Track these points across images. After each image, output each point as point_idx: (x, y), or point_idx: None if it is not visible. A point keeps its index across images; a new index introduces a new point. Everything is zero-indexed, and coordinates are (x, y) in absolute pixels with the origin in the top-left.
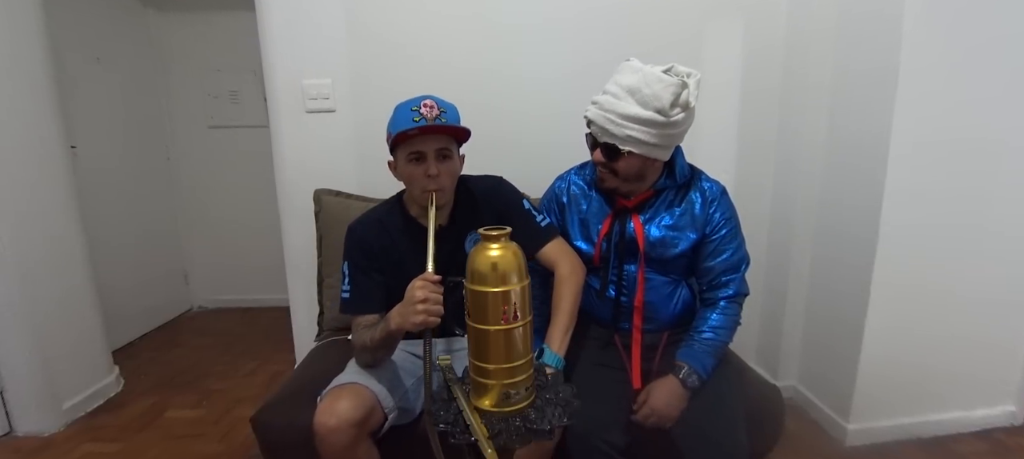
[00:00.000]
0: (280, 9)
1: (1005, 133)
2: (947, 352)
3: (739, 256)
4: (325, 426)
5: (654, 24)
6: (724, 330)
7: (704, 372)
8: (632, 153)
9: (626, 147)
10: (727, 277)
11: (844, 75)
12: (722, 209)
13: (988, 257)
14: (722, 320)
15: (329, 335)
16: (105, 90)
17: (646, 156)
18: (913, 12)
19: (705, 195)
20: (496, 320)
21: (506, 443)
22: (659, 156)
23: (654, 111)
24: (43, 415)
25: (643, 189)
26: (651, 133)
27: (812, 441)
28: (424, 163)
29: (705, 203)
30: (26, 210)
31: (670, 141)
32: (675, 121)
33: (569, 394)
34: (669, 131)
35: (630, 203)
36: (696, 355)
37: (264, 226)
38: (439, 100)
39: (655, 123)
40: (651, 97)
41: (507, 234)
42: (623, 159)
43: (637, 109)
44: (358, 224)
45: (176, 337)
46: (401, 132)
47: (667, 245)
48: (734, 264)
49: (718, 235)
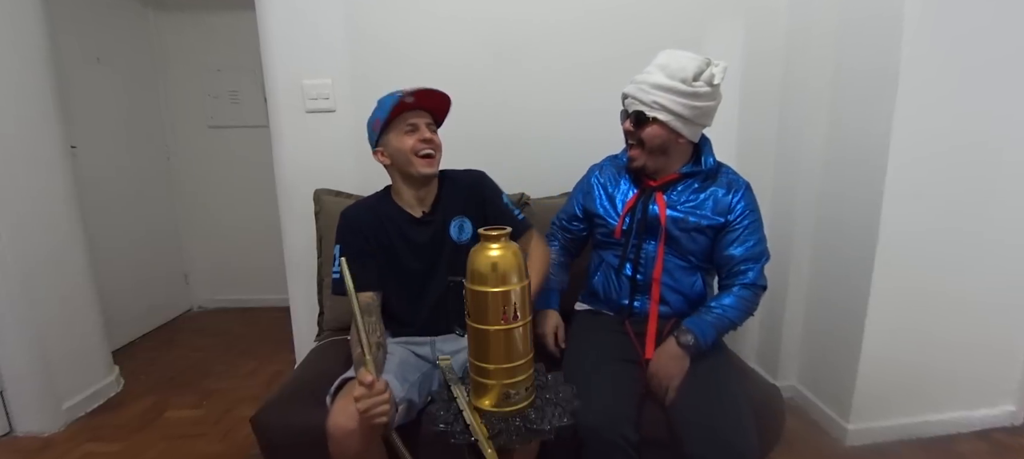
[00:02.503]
0: (280, 9)
1: (1005, 133)
2: (947, 352)
3: (760, 248)
4: (341, 428)
5: (654, 24)
6: (734, 310)
7: (702, 337)
8: (657, 120)
9: (652, 113)
10: (746, 265)
11: (844, 75)
12: (746, 200)
13: (988, 257)
14: (734, 302)
15: (329, 335)
16: (105, 90)
17: (670, 127)
18: (913, 12)
19: (730, 185)
20: (496, 320)
21: (506, 443)
22: (683, 130)
23: (678, 80)
24: (43, 415)
25: (669, 170)
26: (675, 101)
27: (812, 441)
28: (418, 131)
29: (729, 192)
30: (26, 210)
31: (693, 114)
32: (697, 92)
33: (569, 394)
34: (691, 102)
35: (656, 183)
36: (698, 322)
37: (264, 226)
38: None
39: (678, 91)
40: (677, 69)
41: (507, 234)
42: (649, 127)
43: (664, 78)
44: (350, 209)
45: (176, 337)
46: (394, 107)
47: (688, 225)
48: (755, 255)
49: (740, 225)
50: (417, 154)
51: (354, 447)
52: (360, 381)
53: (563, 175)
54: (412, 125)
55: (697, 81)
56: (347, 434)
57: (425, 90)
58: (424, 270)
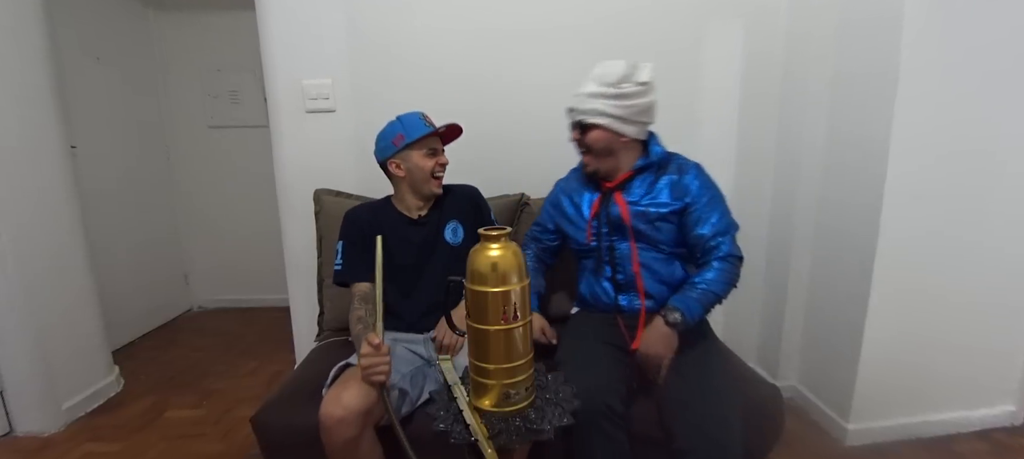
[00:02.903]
0: (280, 9)
1: (1005, 134)
2: (947, 352)
3: (726, 221)
4: (331, 417)
5: (654, 27)
6: (716, 283)
7: (688, 313)
8: (597, 125)
9: (590, 119)
10: (717, 240)
11: (844, 76)
12: (699, 179)
13: (988, 257)
14: (715, 275)
15: (329, 335)
16: (105, 90)
17: (610, 129)
18: (913, 14)
19: (680, 169)
20: (496, 320)
21: (506, 443)
22: (623, 129)
23: (607, 85)
24: (43, 415)
25: (622, 169)
26: (608, 104)
27: (812, 441)
28: (437, 155)
29: (681, 175)
30: (26, 210)
31: (628, 113)
32: (625, 93)
33: (569, 394)
34: (623, 102)
35: (612, 184)
36: (683, 299)
37: (264, 226)
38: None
39: (608, 95)
40: (604, 74)
41: (507, 234)
42: (591, 132)
43: (596, 87)
44: (354, 210)
45: (176, 337)
46: (422, 135)
47: (650, 216)
48: (722, 228)
49: (699, 203)
50: (433, 175)
51: (345, 434)
52: (367, 341)
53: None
54: (433, 149)
55: (624, 83)
56: (338, 422)
57: (452, 126)
58: (415, 266)
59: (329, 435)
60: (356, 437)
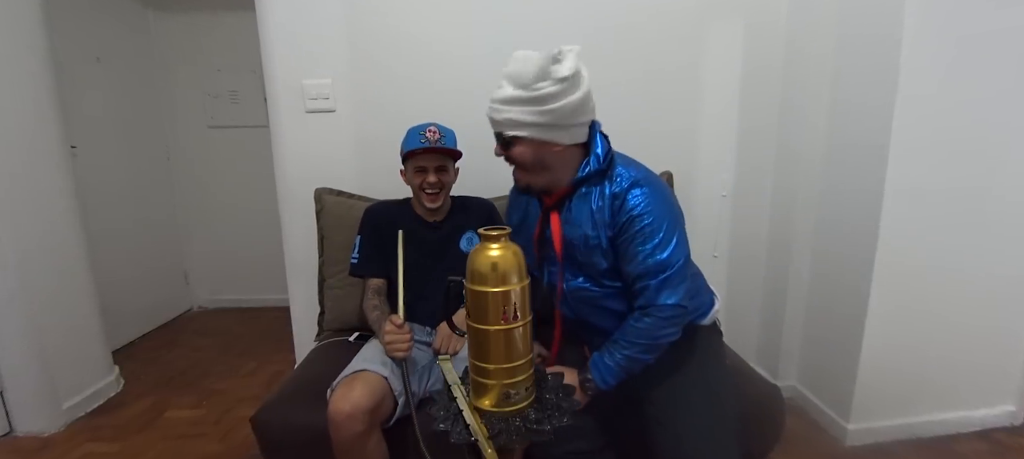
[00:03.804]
0: (280, 9)
1: (1005, 131)
2: (947, 352)
3: (656, 260)
4: (341, 413)
5: (654, 25)
6: (629, 345)
7: (602, 383)
8: (519, 137)
9: (509, 132)
10: (640, 283)
11: (844, 74)
12: (633, 199)
13: (988, 257)
14: (628, 331)
15: (329, 335)
16: (105, 90)
17: (536, 139)
18: (913, 10)
19: (613, 185)
20: (496, 320)
21: (506, 443)
22: (550, 137)
23: (521, 88)
24: (43, 415)
25: (562, 183)
26: (527, 111)
27: (812, 441)
28: (424, 174)
29: (611, 194)
30: (26, 210)
31: (555, 119)
32: (545, 94)
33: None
34: (545, 106)
35: (550, 201)
36: (600, 365)
37: (264, 226)
38: (440, 126)
39: (523, 100)
40: (519, 74)
41: (507, 234)
42: (515, 146)
43: (512, 90)
44: (375, 207)
45: (176, 337)
46: (410, 150)
47: (585, 247)
48: (648, 269)
49: (628, 233)
50: (423, 191)
51: (353, 430)
52: (391, 321)
53: None
54: (421, 167)
55: (540, 83)
56: (346, 418)
57: (435, 147)
58: (427, 265)
59: (338, 431)
60: (363, 433)
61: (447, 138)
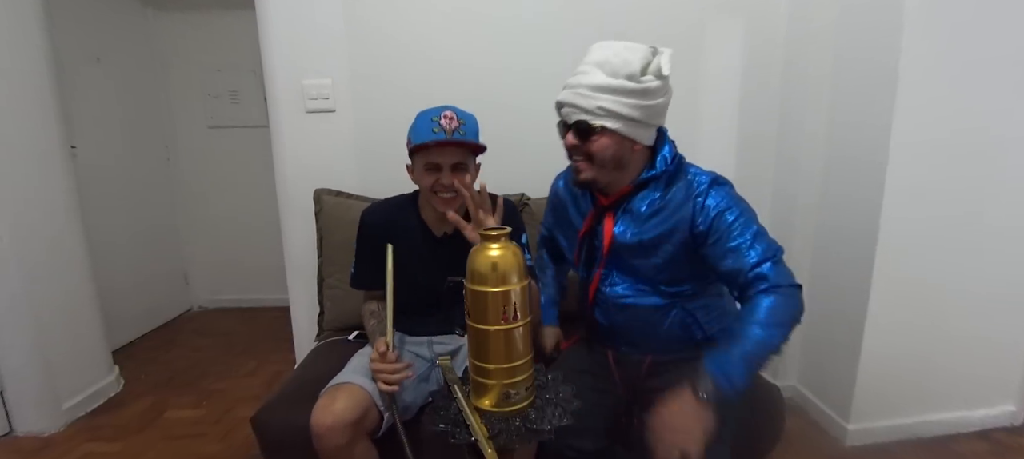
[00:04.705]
0: (280, 9)
1: (1005, 131)
2: (947, 352)
3: (763, 246)
4: (321, 425)
5: (654, 22)
6: (763, 327)
7: (726, 383)
8: (606, 129)
9: (598, 121)
10: (754, 271)
11: (844, 73)
12: (716, 197)
13: (988, 257)
14: (758, 315)
15: (329, 335)
16: (105, 90)
17: (622, 134)
18: (913, 10)
19: (690, 186)
20: (496, 320)
21: (506, 443)
22: (636, 135)
23: (624, 78)
24: (43, 415)
25: (623, 182)
26: (624, 103)
27: (812, 441)
28: (439, 172)
29: (690, 196)
30: (26, 210)
31: (646, 115)
32: (649, 88)
33: (569, 394)
34: (643, 101)
35: (607, 201)
36: (719, 359)
37: (264, 226)
38: (459, 111)
39: (626, 90)
40: (620, 64)
41: (507, 234)
42: (597, 138)
43: (607, 78)
44: (371, 214)
45: (176, 337)
46: (420, 144)
47: (643, 251)
48: (759, 256)
49: (720, 228)
50: (435, 193)
51: (335, 442)
52: (375, 348)
53: None
54: (433, 164)
55: (645, 75)
56: (327, 430)
57: (451, 142)
58: (432, 284)
59: (319, 442)
60: (346, 445)
61: (467, 126)
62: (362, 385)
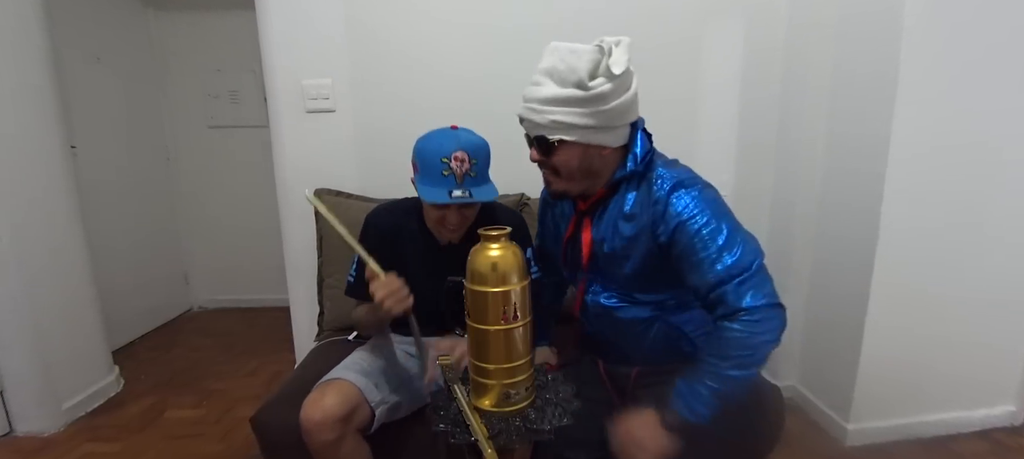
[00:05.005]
0: (280, 9)
1: (1004, 134)
2: (947, 352)
3: (725, 264)
4: (310, 420)
5: (653, 26)
6: (720, 359)
7: (692, 415)
8: (565, 141)
9: (554, 136)
10: (716, 292)
11: (844, 77)
12: (679, 204)
13: (987, 257)
14: (716, 344)
15: (329, 335)
16: (105, 90)
17: (584, 143)
18: (913, 14)
19: (651, 190)
20: (496, 320)
21: (506, 443)
22: (598, 141)
23: (573, 86)
24: (43, 415)
25: (598, 186)
26: (576, 113)
27: (812, 441)
28: (446, 211)
29: (649, 201)
30: (26, 210)
31: (605, 120)
32: (600, 93)
33: (569, 394)
34: (598, 106)
35: (584, 205)
36: (686, 395)
37: (264, 226)
38: (470, 145)
39: (576, 100)
40: (567, 71)
41: (507, 234)
42: (558, 151)
43: (557, 89)
44: (376, 219)
45: (176, 337)
46: (429, 202)
47: (618, 258)
48: (721, 275)
49: (683, 238)
50: (441, 225)
51: (324, 437)
52: (369, 278)
53: None
54: (442, 205)
55: (595, 79)
56: (316, 425)
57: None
58: (434, 288)
59: (309, 437)
60: (335, 441)
61: (479, 165)
62: (353, 381)
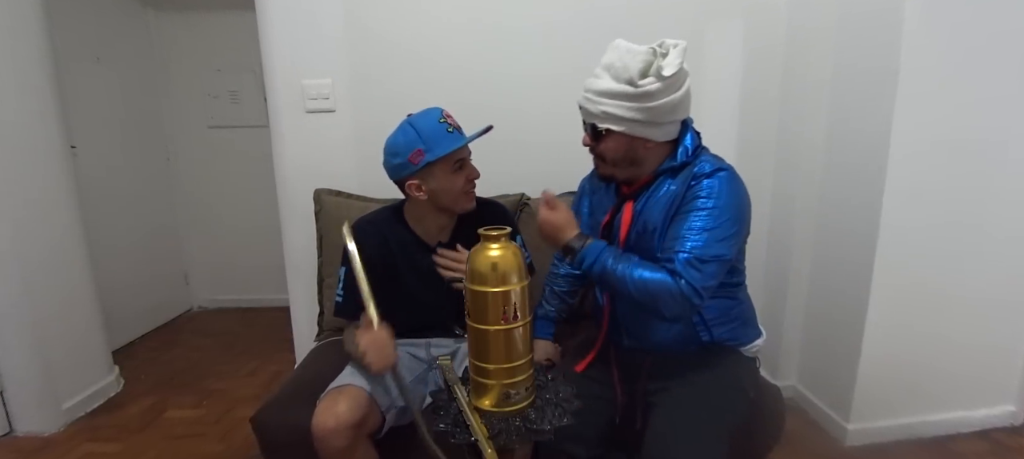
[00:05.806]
0: (280, 9)
1: (1005, 133)
2: (947, 352)
3: (696, 241)
4: (324, 427)
5: (654, 24)
6: (632, 266)
7: (588, 257)
8: (612, 131)
9: (603, 125)
10: (672, 249)
11: (844, 75)
12: (706, 189)
13: (988, 257)
14: (639, 262)
15: (329, 335)
16: (105, 90)
17: (630, 135)
18: (913, 12)
19: (693, 175)
20: (496, 320)
21: (506, 443)
22: (644, 134)
23: (625, 83)
24: (43, 415)
25: (643, 174)
26: (625, 107)
27: (812, 441)
28: (466, 168)
29: (691, 177)
30: (26, 210)
31: (653, 116)
32: (648, 91)
33: (569, 394)
34: (645, 103)
35: (628, 190)
36: (597, 247)
37: (264, 226)
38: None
39: (625, 95)
40: (622, 69)
41: (507, 234)
42: (605, 140)
43: (610, 83)
44: (362, 233)
45: (176, 337)
46: (451, 149)
47: (651, 232)
48: (688, 244)
49: (685, 209)
50: (465, 191)
51: (337, 445)
52: (365, 328)
53: (563, 176)
54: (460, 162)
55: (645, 79)
56: (330, 432)
57: (478, 136)
58: (427, 291)
59: (321, 445)
60: (347, 448)
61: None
62: (363, 387)
